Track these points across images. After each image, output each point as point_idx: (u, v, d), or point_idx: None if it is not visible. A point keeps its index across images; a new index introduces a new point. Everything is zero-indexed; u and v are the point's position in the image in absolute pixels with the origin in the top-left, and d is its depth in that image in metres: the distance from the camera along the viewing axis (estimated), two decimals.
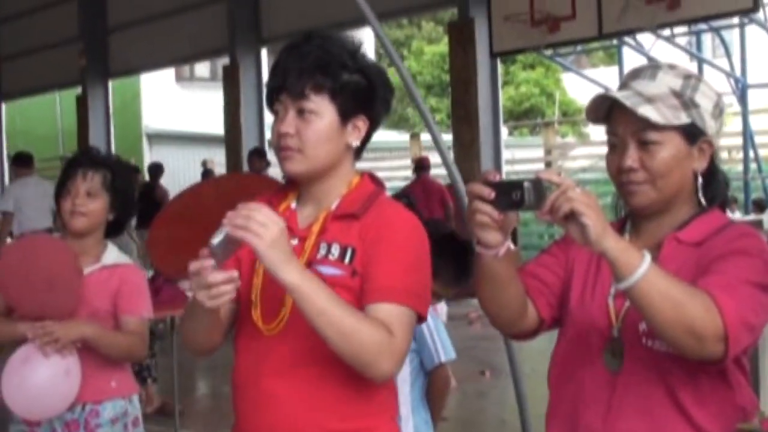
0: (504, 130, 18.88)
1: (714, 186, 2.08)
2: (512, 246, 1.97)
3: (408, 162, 20.66)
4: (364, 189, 2.17)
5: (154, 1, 16.48)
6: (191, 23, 15.92)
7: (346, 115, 2.11)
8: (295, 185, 2.22)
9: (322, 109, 2.08)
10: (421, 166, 13.30)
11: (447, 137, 14.63)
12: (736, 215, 14.17)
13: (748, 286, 1.86)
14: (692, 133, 2.00)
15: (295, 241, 2.12)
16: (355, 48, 2.15)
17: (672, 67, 2.07)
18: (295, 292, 1.93)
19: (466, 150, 12.37)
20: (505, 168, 13.30)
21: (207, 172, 15.42)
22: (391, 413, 2.21)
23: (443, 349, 3.50)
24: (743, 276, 1.87)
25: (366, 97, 2.14)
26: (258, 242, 1.87)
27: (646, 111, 1.94)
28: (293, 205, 2.21)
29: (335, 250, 2.08)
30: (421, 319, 2.10)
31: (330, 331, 1.95)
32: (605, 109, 2.04)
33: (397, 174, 19.89)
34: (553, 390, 2.14)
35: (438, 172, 15.40)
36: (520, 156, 19.48)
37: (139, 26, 16.99)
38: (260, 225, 1.87)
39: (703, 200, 2.05)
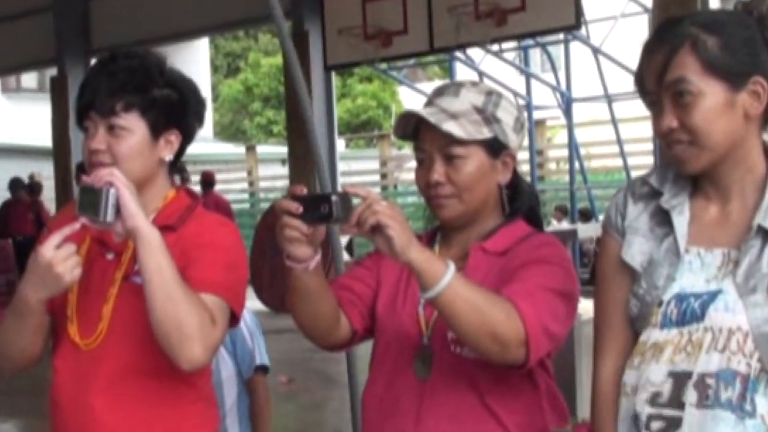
0: (341, 143, 19.02)
1: (518, 197, 2.16)
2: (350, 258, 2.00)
3: (244, 175, 20.52)
4: (180, 203, 2.20)
5: None
6: (17, 32, 15.37)
7: (157, 130, 2.14)
8: None
9: (133, 125, 2.11)
10: (207, 181, 13.17)
11: (283, 149, 14.63)
12: (564, 224, 14.70)
13: (548, 293, 1.94)
14: (495, 147, 2.08)
15: (111, 256, 2.14)
16: (162, 64, 2.18)
17: (474, 84, 2.15)
18: (143, 239, 1.95)
19: (301, 162, 12.37)
20: (341, 180, 13.39)
21: (33, 186, 14.91)
22: (214, 425, 2.23)
23: (259, 354, 3.42)
24: (543, 283, 1.95)
25: (177, 111, 2.17)
26: (123, 187, 1.93)
27: (450, 127, 2.01)
28: None
29: None
30: (234, 321, 2.13)
31: (161, 292, 1.94)
32: (412, 126, 2.10)
33: (233, 187, 19.75)
34: (367, 398, 2.18)
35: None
36: (356, 168, 19.65)
37: None
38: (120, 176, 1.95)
39: (507, 210, 2.14)
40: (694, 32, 1.77)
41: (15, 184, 14.87)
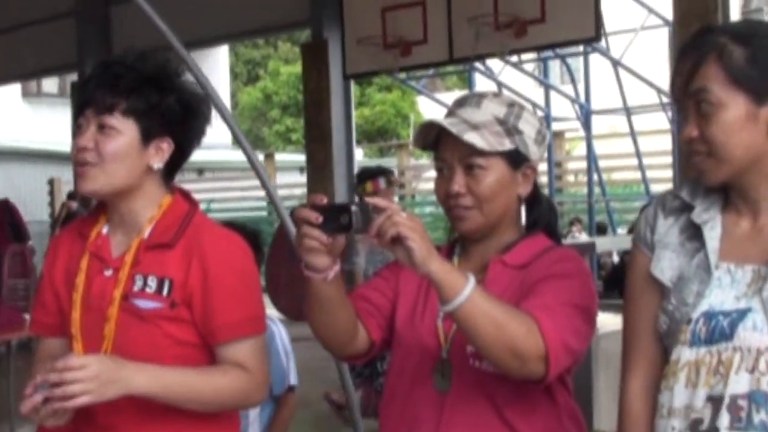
0: (359, 151, 18.99)
1: (537, 210, 2.15)
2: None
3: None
4: (178, 210, 2.16)
5: None
6: (38, 37, 15.45)
7: (148, 136, 2.11)
8: (106, 208, 2.20)
9: (123, 127, 2.08)
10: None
11: (301, 157, 14.65)
12: (583, 236, 14.63)
13: (568, 308, 1.92)
14: (516, 159, 2.06)
15: (109, 272, 2.11)
16: (171, 70, 2.15)
17: (496, 95, 2.14)
18: (154, 397, 1.99)
19: (319, 170, 12.39)
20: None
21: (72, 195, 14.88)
22: None
23: (293, 373, 3.44)
24: (563, 298, 1.93)
25: (175, 121, 2.13)
26: (90, 398, 1.89)
27: (472, 138, 1.99)
28: (104, 230, 2.19)
29: (152, 283, 2.08)
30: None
31: (197, 406, 2.05)
32: (433, 136, 2.09)
33: (250, 194, 19.77)
34: (386, 410, 2.16)
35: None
36: None
37: None
38: (81, 386, 1.87)
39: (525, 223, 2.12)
40: (722, 42, 1.74)
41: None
